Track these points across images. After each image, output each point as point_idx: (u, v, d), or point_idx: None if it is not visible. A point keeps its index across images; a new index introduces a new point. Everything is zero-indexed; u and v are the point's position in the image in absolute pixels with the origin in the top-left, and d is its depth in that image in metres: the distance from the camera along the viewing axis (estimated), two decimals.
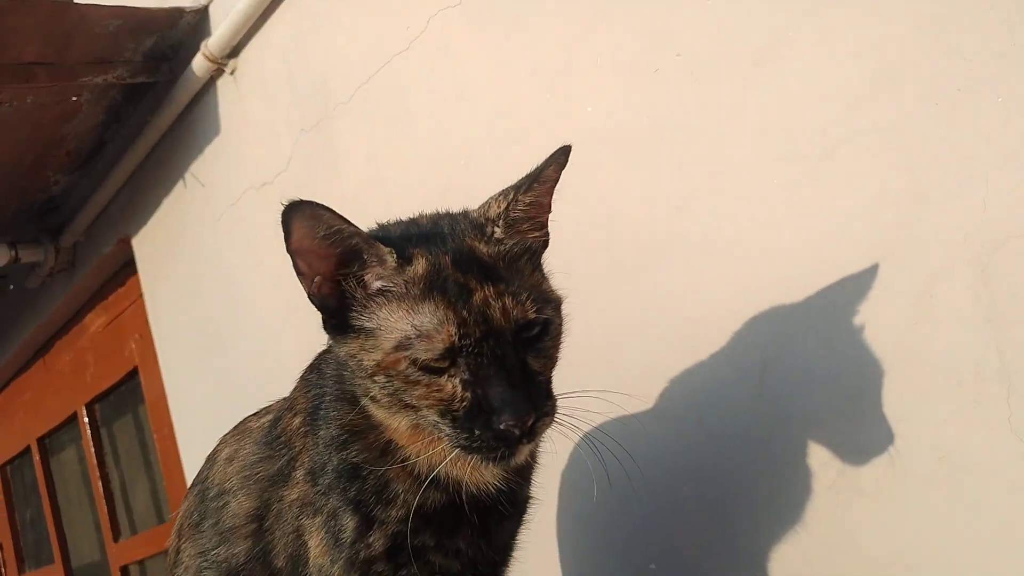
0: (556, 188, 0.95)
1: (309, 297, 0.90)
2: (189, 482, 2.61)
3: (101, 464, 3.46)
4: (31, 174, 2.76)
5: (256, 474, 1.07)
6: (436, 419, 0.83)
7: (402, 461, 0.92)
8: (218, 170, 2.36)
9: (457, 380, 0.82)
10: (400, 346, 0.83)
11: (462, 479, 0.94)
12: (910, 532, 1.10)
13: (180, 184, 2.50)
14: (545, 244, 0.95)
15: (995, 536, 1.02)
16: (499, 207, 0.90)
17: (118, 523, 3.43)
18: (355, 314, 0.86)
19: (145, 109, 2.54)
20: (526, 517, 1.08)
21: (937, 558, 1.07)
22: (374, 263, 0.86)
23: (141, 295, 2.84)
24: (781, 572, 1.23)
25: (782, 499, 1.22)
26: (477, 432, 0.81)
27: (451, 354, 0.82)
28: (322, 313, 0.90)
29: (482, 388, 0.81)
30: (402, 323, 0.83)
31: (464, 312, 0.82)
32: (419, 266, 0.85)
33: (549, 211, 0.95)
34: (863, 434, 1.13)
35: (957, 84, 1.00)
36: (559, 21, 1.44)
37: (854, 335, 1.13)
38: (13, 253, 3.02)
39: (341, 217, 0.84)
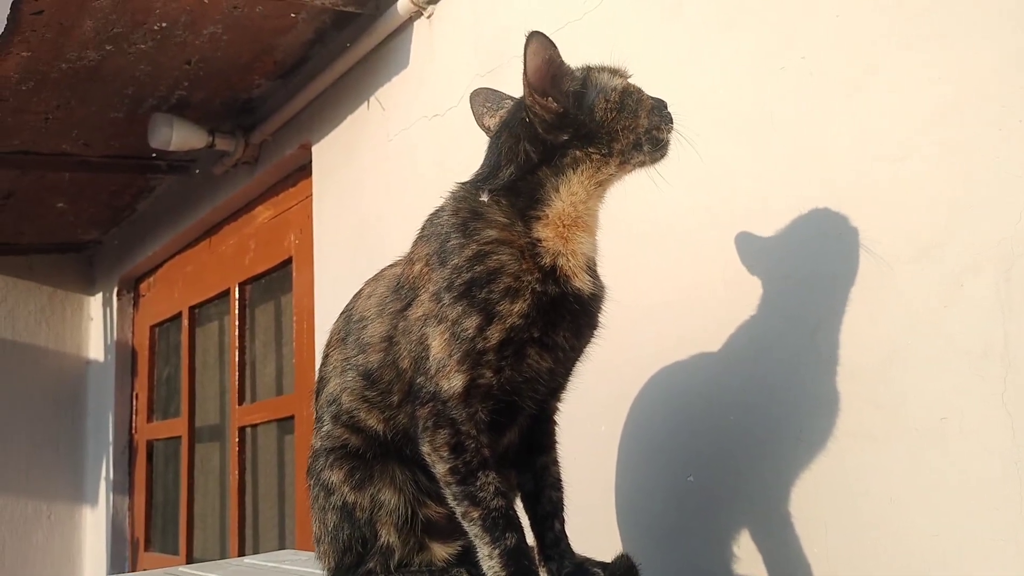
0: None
1: (544, 117, 1.23)
2: (319, 365, 3.02)
3: (241, 337, 3.94)
4: (241, 74, 3.21)
5: (387, 308, 1.34)
6: (649, 116, 1.27)
7: (534, 257, 1.20)
8: (398, 98, 2.73)
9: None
10: (619, 75, 1.28)
11: (571, 275, 1.21)
12: (901, 474, 1.33)
13: (364, 105, 2.89)
14: None
15: (970, 488, 1.25)
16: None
17: (244, 390, 3.93)
18: (580, 96, 1.26)
19: (347, 36, 2.93)
20: (588, 349, 1.33)
21: (918, 496, 1.30)
22: (571, 72, 1.27)
23: (310, 196, 3.26)
24: (797, 494, 1.48)
25: (810, 436, 1.46)
26: (666, 112, 1.29)
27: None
28: (559, 122, 1.23)
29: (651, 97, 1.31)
30: (605, 72, 1.29)
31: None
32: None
33: None
34: (886, 390, 1.36)
35: (1019, 116, 1.22)
36: (709, 12, 1.71)
37: (894, 309, 1.36)
38: (210, 139, 3.50)
39: (555, 46, 1.23)
